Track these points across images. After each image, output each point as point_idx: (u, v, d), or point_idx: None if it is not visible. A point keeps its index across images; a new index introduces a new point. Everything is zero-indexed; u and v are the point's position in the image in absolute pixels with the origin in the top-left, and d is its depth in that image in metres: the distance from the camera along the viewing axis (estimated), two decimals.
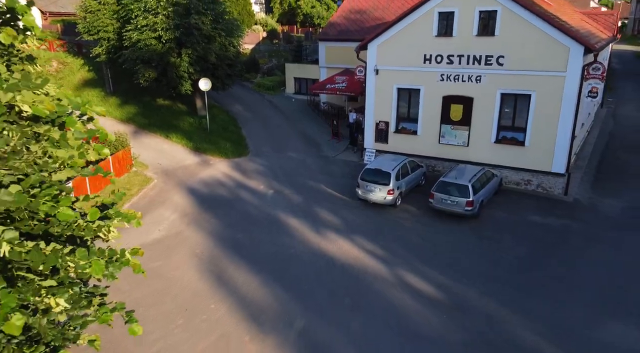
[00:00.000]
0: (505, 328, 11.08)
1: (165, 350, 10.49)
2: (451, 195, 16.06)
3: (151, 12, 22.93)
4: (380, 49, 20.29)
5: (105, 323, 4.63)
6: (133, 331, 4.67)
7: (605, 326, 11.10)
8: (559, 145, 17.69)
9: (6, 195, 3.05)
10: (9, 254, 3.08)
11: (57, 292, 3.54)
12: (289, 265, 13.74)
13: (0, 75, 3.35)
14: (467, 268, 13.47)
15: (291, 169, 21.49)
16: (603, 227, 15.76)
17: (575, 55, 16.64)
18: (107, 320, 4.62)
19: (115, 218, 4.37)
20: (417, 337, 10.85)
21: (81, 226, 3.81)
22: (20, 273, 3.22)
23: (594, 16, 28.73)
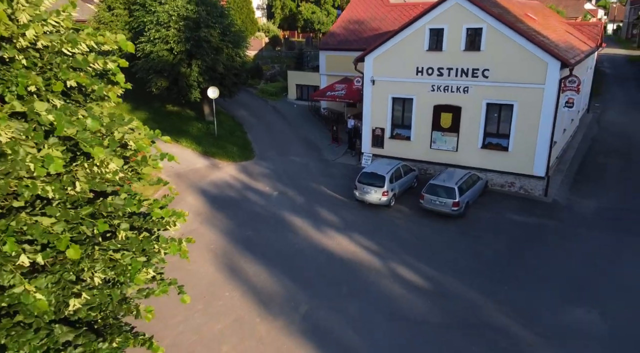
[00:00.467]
0: (482, 313, 12.77)
1: (188, 332, 12.17)
2: (439, 196, 17.76)
3: (163, 26, 24.63)
4: (376, 61, 21.99)
5: (164, 294, 6.29)
6: (184, 300, 6.35)
7: (568, 311, 12.79)
8: (539, 150, 19.38)
9: (118, 200, 4.72)
10: (127, 240, 4.71)
11: (147, 265, 5.16)
12: (293, 258, 15.45)
13: (103, 119, 4.98)
14: (452, 262, 15.17)
15: (294, 171, 23.20)
16: (576, 225, 17.46)
17: (552, 69, 18.33)
18: (166, 291, 6.28)
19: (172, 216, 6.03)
20: (405, 319, 12.54)
21: (156, 221, 5.47)
22: (124, 252, 4.84)
23: (579, 27, 30.43)
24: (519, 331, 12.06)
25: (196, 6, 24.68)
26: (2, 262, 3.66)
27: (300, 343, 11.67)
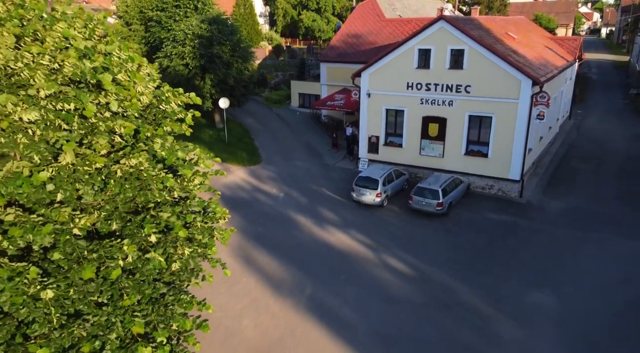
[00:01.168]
0: (457, 295, 15.36)
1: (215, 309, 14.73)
2: (425, 197, 20.37)
3: (179, 43, 27.22)
4: (372, 76, 24.59)
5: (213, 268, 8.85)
6: (226, 273, 8.92)
7: (529, 294, 15.38)
8: (514, 157, 21.98)
9: (194, 202, 7.27)
10: (200, 228, 7.29)
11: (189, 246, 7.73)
12: (298, 251, 18.04)
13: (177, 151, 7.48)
14: (434, 253, 17.77)
15: (298, 175, 25.80)
16: (544, 223, 20.07)
17: (525, 86, 20.95)
18: (215, 266, 8.83)
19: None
20: (392, 300, 15.13)
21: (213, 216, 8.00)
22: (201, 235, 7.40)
23: (560, 41, 33.01)
24: (486, 309, 14.65)
25: (209, 25, 27.30)
26: (143, 239, 6.20)
27: (306, 318, 14.27)
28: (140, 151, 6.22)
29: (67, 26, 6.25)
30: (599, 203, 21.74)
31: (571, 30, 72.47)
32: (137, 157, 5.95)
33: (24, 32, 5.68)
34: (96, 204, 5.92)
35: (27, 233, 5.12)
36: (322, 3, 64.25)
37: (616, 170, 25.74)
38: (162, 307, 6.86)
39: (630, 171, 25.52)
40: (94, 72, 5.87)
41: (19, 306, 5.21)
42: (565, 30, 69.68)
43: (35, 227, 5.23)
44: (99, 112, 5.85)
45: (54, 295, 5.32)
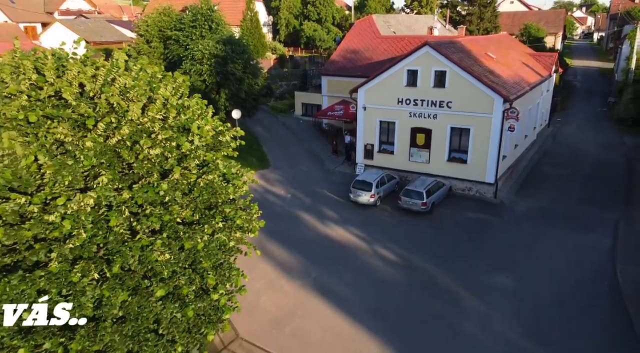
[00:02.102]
0: (434, 278, 18.89)
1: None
2: (412, 198, 23.93)
3: (198, 62, 30.77)
4: (367, 92, 28.14)
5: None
6: (257, 253, 12.45)
7: (492, 277, 18.90)
8: (489, 163, 25.53)
9: (242, 202, 10.76)
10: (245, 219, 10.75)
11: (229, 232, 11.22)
12: (304, 243, 21.59)
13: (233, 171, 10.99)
14: (418, 245, 21.31)
15: (302, 178, 29.36)
16: (512, 220, 23.64)
17: (497, 103, 24.50)
18: (250, 247, 12.34)
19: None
20: (382, 282, 18.66)
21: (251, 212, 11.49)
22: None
23: (537, 57, 36.54)
24: (456, 289, 18.19)
25: (224, 45, 30.86)
26: (213, 225, 9.72)
27: (312, 295, 17.81)
28: (213, 170, 9.78)
29: (164, 88, 9.79)
30: (562, 204, 25.28)
31: (560, 38, 75.82)
32: (213, 174, 9.51)
33: (145, 97, 9.23)
34: (186, 203, 9.47)
35: (156, 222, 8.67)
36: (322, 14, 67.81)
37: (582, 175, 29.28)
38: (222, 270, 10.42)
39: (594, 176, 29.07)
40: (187, 122, 9.43)
41: (148, 264, 8.75)
42: (554, 38, 73.07)
43: (157, 217, 8.78)
44: (190, 146, 9.40)
45: (168, 258, 8.85)
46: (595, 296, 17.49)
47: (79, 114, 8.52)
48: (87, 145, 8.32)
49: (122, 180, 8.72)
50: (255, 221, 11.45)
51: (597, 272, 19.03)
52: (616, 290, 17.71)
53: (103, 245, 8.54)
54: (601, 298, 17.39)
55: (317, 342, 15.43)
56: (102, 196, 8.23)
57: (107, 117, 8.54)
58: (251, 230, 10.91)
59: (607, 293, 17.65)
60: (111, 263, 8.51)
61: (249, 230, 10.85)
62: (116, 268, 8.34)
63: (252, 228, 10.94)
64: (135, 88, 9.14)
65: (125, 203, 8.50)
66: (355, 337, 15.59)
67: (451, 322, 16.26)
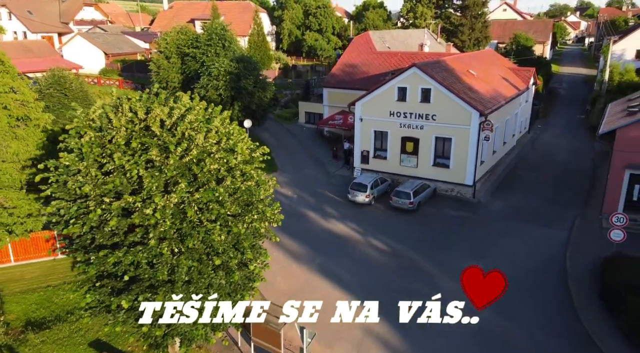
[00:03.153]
0: (417, 264, 23.00)
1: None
2: (401, 198, 28.05)
3: (214, 78, 34.88)
4: (363, 106, 32.25)
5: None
6: (277, 239, 16.56)
7: (465, 262, 22.88)
8: (468, 168, 29.64)
9: (267, 202, 14.83)
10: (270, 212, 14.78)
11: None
12: (309, 235, 25.68)
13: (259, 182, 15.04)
14: (405, 237, 25.41)
15: (306, 180, 33.46)
16: (486, 217, 27.76)
17: (474, 116, 28.61)
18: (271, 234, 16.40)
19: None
20: (373, 266, 22.76)
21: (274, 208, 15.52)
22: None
23: (517, 72, 40.66)
24: (434, 272, 22.30)
25: (237, 63, 34.98)
26: (251, 217, 13.83)
27: (317, 276, 21.92)
28: (250, 178, 13.92)
29: (220, 123, 13.88)
30: (530, 203, 29.41)
31: (548, 46, 79.86)
32: (250, 181, 13.65)
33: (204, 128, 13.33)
34: (232, 201, 13.57)
35: (215, 214, 12.79)
36: (323, 24, 71.95)
37: (552, 179, 33.42)
38: (255, 250, 14.56)
39: (562, 179, 33.20)
40: (233, 145, 13.56)
41: (208, 243, 12.85)
42: (542, 46, 77.13)
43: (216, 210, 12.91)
44: (235, 162, 13.51)
45: (222, 239, 12.94)
46: (546, 277, 21.62)
47: (163, 141, 12.65)
48: (170, 163, 12.45)
49: (191, 186, 12.83)
50: (277, 215, 15.56)
51: (551, 258, 23.18)
52: (563, 273, 21.84)
53: (179, 230, 12.66)
54: (551, 278, 21.53)
55: (323, 309, 19.50)
56: (181, 196, 12.36)
57: (183, 143, 12.67)
58: (276, 221, 15.01)
59: (556, 275, 21.78)
60: (185, 241, 12.63)
61: (274, 220, 14.96)
62: (190, 244, 12.46)
63: (277, 220, 15.05)
64: (198, 122, 13.28)
65: (195, 201, 12.62)
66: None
67: (428, 297, 20.35)
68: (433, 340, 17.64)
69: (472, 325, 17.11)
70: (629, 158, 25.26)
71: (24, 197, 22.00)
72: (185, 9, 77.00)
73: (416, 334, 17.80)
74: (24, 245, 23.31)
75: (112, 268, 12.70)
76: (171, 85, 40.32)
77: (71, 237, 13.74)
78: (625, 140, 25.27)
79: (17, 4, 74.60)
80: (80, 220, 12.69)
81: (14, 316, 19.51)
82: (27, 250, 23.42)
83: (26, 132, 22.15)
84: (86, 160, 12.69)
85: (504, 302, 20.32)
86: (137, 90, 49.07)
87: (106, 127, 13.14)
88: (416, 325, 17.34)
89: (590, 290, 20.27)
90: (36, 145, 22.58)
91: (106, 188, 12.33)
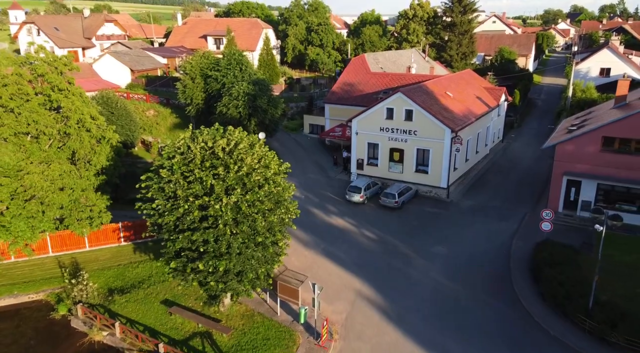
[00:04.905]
0: (398, 248, 29.99)
1: None
2: (388, 198, 35.08)
3: (234, 98, 41.86)
4: (359, 122, 39.25)
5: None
6: (294, 227, 23.52)
7: (435, 247, 30.01)
8: (443, 173, 36.65)
9: (289, 200, 21.62)
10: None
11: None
12: (315, 227, 32.66)
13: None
14: (390, 228, 32.41)
15: (311, 183, 40.45)
16: (456, 213, 34.76)
17: (447, 132, 35.61)
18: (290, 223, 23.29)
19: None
20: (364, 250, 29.76)
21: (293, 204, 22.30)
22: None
23: (490, 90, 47.64)
24: (411, 253, 29.31)
25: (254, 85, 42.00)
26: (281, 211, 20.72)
27: (322, 257, 28.92)
28: (279, 185, 20.97)
29: (258, 148, 20.93)
30: (494, 202, 36.44)
31: (531, 59, 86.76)
32: (279, 186, 20.67)
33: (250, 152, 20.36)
34: (268, 200, 20.56)
35: (257, 208, 19.78)
36: (324, 40, 78.94)
37: (514, 182, 40.45)
38: (281, 233, 21.59)
39: (522, 182, 40.22)
40: (268, 163, 20.60)
41: (254, 227, 19.83)
42: (525, 59, 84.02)
43: (259, 206, 19.90)
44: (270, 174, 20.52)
45: (263, 224, 19.91)
46: (494, 259, 28.62)
47: (225, 162, 19.69)
48: (230, 176, 19.48)
49: (243, 190, 19.85)
50: (295, 210, 22.55)
51: (501, 244, 30.19)
52: (508, 255, 28.85)
53: (235, 218, 19.67)
54: (497, 260, 28.52)
55: (325, 280, 26.53)
56: (237, 197, 19.39)
57: (238, 163, 19.70)
58: (295, 213, 22.02)
59: (502, 258, 28.76)
60: (239, 226, 19.64)
61: (294, 213, 21.99)
62: (243, 228, 19.48)
63: (296, 213, 22.07)
64: (246, 149, 20.35)
65: (245, 200, 19.63)
66: (347, 277, 26.74)
67: (405, 271, 27.44)
68: (405, 297, 24.66)
69: (434, 286, 24.68)
70: (566, 167, 32.26)
71: (99, 197, 29.09)
72: (198, 25, 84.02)
73: (393, 295, 24.84)
74: (95, 234, 30.29)
75: (188, 244, 19.68)
76: (195, 101, 47.26)
77: (160, 224, 20.79)
78: (563, 153, 32.26)
79: (45, 21, 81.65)
80: (173, 214, 19.69)
81: (98, 286, 26.45)
82: (99, 239, 30.41)
83: (100, 148, 29.18)
84: (176, 173, 19.76)
85: (460, 273, 27.43)
86: (163, 103, 56.04)
87: (187, 152, 20.22)
88: (393, 289, 24.80)
89: (524, 266, 27.29)
90: (106, 157, 29.59)
91: (189, 192, 19.39)
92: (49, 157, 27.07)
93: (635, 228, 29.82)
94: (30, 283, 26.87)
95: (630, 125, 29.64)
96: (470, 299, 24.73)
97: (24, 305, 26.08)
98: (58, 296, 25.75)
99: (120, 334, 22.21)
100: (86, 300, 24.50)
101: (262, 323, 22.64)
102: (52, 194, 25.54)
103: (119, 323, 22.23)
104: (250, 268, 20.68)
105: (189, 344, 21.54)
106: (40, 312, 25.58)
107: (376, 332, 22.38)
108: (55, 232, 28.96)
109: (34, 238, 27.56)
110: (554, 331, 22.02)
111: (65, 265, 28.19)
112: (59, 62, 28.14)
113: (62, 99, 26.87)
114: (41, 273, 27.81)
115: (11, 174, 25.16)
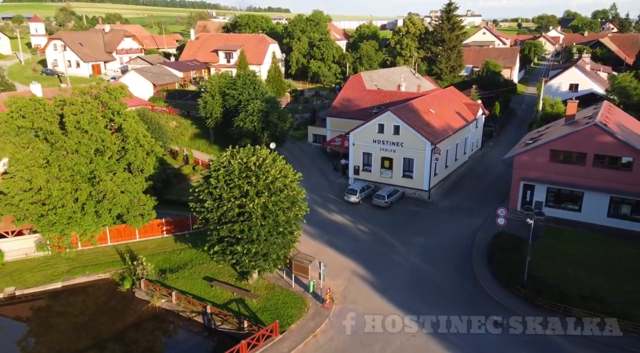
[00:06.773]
0: (386, 240, 37.51)
1: None
2: (379, 199, 42.68)
3: (250, 114, 49.42)
4: (355, 135, 46.80)
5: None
6: (304, 221, 31.04)
7: (415, 238, 37.58)
8: (425, 178, 44.20)
9: (300, 198, 29.08)
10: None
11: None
12: (319, 222, 40.16)
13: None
14: (380, 224, 39.93)
15: (314, 186, 48.01)
16: (435, 211, 42.32)
17: (428, 144, 43.15)
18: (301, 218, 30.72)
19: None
20: (359, 240, 37.30)
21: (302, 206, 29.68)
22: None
23: (469, 106, 55.19)
24: (395, 243, 36.85)
25: (267, 103, 49.58)
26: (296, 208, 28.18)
27: (325, 246, 36.45)
28: (294, 189, 28.57)
29: (278, 161, 28.55)
30: (466, 202, 44.01)
31: (516, 70, 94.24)
32: (295, 191, 28.23)
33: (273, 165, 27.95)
34: (286, 201, 28.09)
35: (279, 206, 27.31)
36: (325, 54, 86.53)
37: (486, 185, 48.03)
38: (296, 225, 29.17)
39: (492, 185, 47.79)
40: (286, 172, 28.20)
41: (276, 220, 27.36)
42: (509, 71, 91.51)
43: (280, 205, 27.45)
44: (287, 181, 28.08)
45: (283, 218, 27.43)
46: (461, 247, 36.20)
47: (256, 173, 27.29)
48: (259, 183, 27.07)
49: (269, 193, 27.40)
50: (306, 208, 30.07)
51: (468, 235, 37.77)
52: (472, 244, 36.42)
53: (263, 214, 27.22)
54: (463, 247, 36.08)
55: (327, 262, 34.06)
56: (265, 199, 26.97)
57: (265, 174, 27.28)
58: (305, 211, 29.58)
59: (467, 246, 36.30)
60: (266, 219, 27.20)
61: (305, 210, 29.55)
62: (270, 221, 27.07)
63: (306, 211, 29.63)
64: (270, 163, 27.97)
65: (271, 201, 27.19)
66: (344, 261, 34.31)
67: (390, 256, 35.03)
68: (389, 275, 32.24)
69: (412, 267, 32.21)
70: (522, 174, 39.80)
71: (149, 198, 36.66)
72: (210, 41, 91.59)
73: (380, 273, 32.45)
74: (144, 228, 37.82)
75: (228, 233, 27.24)
76: (214, 115, 54.77)
77: (208, 219, 28.35)
78: (520, 162, 39.81)
79: (70, 37, 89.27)
80: (219, 211, 27.23)
81: (150, 267, 33.98)
82: (147, 231, 37.97)
83: (149, 159, 36.74)
84: (221, 181, 27.35)
85: (433, 257, 34.96)
86: (183, 115, 63.53)
87: (228, 166, 27.82)
88: (380, 269, 32.32)
89: (483, 252, 34.87)
90: (153, 166, 37.17)
91: (231, 194, 26.96)
92: (111, 168, 34.60)
93: (576, 224, 37.45)
94: (97, 265, 34.45)
95: (571, 141, 37.23)
96: (439, 277, 32.29)
97: (93, 282, 33.65)
98: (121, 275, 33.31)
99: (175, 301, 29.75)
100: (146, 276, 32.03)
101: (281, 292, 30.20)
102: (119, 196, 33.09)
103: (175, 292, 29.80)
104: (273, 251, 28.24)
105: (228, 307, 29.10)
106: (108, 287, 33.16)
107: (366, 299, 29.94)
108: (113, 226, 36.51)
109: (98, 230, 35.12)
110: (498, 298, 29.60)
111: (122, 252, 35.76)
112: (117, 91, 35.68)
113: (122, 122, 34.42)
114: (104, 258, 35.41)
115: (86, 180, 32.74)
